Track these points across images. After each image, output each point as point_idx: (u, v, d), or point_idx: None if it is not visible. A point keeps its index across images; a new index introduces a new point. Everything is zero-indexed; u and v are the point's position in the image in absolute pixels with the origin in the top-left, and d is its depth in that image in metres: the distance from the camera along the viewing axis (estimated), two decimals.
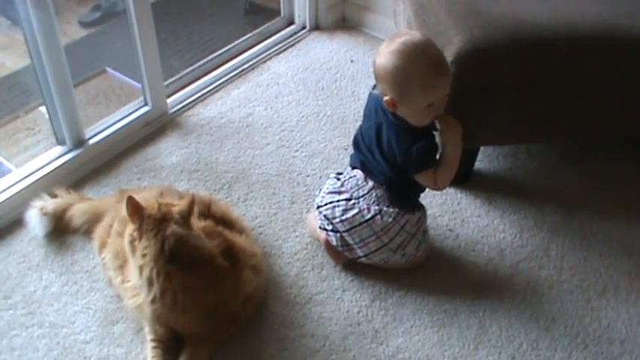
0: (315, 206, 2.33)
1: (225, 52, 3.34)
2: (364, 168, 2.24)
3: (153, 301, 1.97)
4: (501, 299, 2.28)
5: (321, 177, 2.68)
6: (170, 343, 2.08)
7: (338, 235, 2.27)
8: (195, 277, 1.98)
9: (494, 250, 2.43)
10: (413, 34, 2.08)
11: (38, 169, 2.60)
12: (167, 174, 2.71)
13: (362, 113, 2.20)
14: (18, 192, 2.51)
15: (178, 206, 2.00)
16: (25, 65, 2.81)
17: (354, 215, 2.21)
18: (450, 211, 2.55)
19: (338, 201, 2.24)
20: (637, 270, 2.37)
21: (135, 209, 1.95)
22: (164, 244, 1.92)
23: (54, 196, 2.47)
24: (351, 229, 2.22)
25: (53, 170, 2.61)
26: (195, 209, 2.12)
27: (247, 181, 2.68)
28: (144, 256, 1.94)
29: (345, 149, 2.80)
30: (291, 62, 3.33)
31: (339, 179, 2.30)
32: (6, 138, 2.93)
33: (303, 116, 3.00)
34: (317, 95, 3.11)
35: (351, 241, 2.26)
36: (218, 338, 2.11)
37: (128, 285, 2.09)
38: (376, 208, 2.19)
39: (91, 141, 2.72)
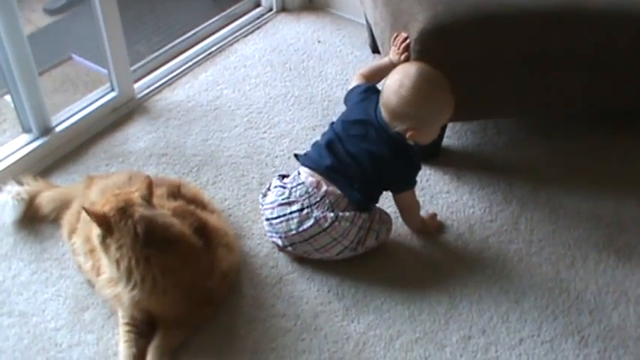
0: (264, 218, 2.31)
1: (191, 35, 3.33)
2: (331, 172, 2.20)
3: (133, 289, 1.96)
4: (471, 274, 2.29)
5: (289, 157, 2.68)
6: (143, 327, 2.08)
7: (291, 248, 2.27)
8: (173, 256, 1.97)
9: (464, 226, 2.45)
10: (415, 64, 2.20)
11: (4, 158, 2.58)
12: (135, 159, 2.69)
13: (329, 93, 2.21)
14: None
15: (137, 191, 2.00)
16: None
17: (311, 226, 2.18)
18: (418, 188, 2.53)
19: (291, 213, 2.21)
20: (605, 241, 2.40)
21: (97, 217, 1.92)
22: (136, 229, 1.91)
23: (21, 184, 2.45)
24: (309, 238, 2.20)
25: (20, 159, 2.59)
26: (164, 190, 2.17)
27: (216, 163, 2.68)
28: (120, 248, 1.92)
29: (313, 129, 2.80)
30: (258, 44, 3.32)
31: (285, 187, 2.25)
32: None
33: (270, 98, 2.99)
34: (284, 76, 3.11)
35: (310, 249, 2.23)
36: (193, 321, 2.11)
37: (103, 277, 2.07)
38: (332, 215, 2.17)
39: (58, 128, 2.70)
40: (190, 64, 3.19)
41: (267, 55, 3.24)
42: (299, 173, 2.26)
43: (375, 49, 3.16)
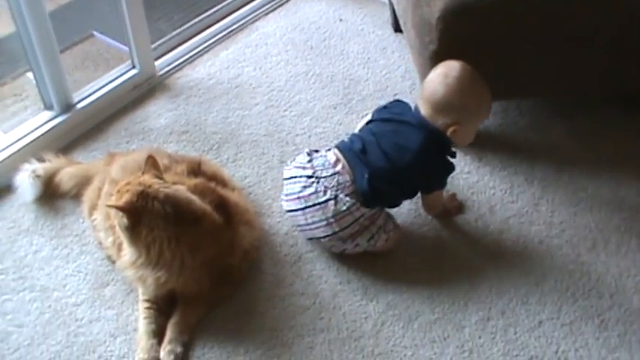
0: (283, 177, 2.29)
1: (213, 13, 3.32)
2: (353, 156, 2.18)
3: (160, 270, 1.98)
4: (491, 255, 2.29)
5: (310, 136, 2.68)
6: (163, 304, 2.09)
7: (289, 215, 2.27)
8: (199, 233, 1.98)
9: (485, 207, 2.43)
10: (455, 61, 2.19)
11: (26, 135, 2.58)
12: (156, 136, 2.70)
13: (350, 72, 2.18)
14: (6, 158, 2.50)
15: (145, 172, 2.00)
16: (11, 32, 2.78)
17: (310, 194, 2.16)
18: None
19: (300, 176, 2.20)
20: (627, 224, 2.38)
21: (124, 208, 1.91)
22: (165, 208, 1.92)
23: (42, 161, 2.46)
24: (305, 207, 2.18)
25: (41, 135, 2.60)
26: (184, 167, 2.20)
27: (236, 141, 2.68)
28: (151, 231, 1.93)
29: (334, 108, 2.79)
30: (279, 22, 3.31)
31: (309, 155, 2.25)
32: None
33: (291, 76, 2.98)
34: (306, 55, 3.10)
35: (303, 222, 2.21)
36: (213, 298, 2.12)
37: (124, 259, 2.06)
38: (333, 193, 2.14)
39: (79, 105, 2.71)
40: (211, 41, 3.19)
41: (289, 34, 3.23)
42: (328, 149, 2.26)
43: (397, 28, 3.14)
